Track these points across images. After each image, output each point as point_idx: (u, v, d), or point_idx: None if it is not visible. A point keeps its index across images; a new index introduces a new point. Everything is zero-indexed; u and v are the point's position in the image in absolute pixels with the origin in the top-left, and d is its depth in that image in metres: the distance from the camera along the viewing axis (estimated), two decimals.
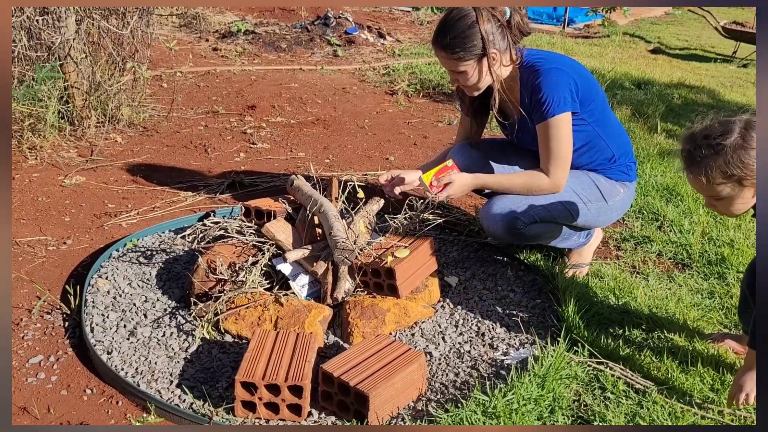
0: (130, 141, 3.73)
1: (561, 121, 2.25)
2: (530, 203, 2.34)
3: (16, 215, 2.81)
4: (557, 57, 2.38)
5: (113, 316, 2.17)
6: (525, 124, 2.37)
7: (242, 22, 6.47)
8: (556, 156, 2.29)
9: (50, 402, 1.82)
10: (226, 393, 1.86)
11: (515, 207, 2.33)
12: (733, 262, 2.64)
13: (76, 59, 3.53)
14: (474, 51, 2.20)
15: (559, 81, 2.25)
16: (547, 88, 2.24)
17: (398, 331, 2.17)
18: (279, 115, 4.31)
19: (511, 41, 2.25)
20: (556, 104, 2.23)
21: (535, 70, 2.28)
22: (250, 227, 2.52)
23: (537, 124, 2.30)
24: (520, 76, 2.33)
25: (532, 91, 2.28)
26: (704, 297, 2.43)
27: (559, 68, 2.28)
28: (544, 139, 2.29)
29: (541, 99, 2.24)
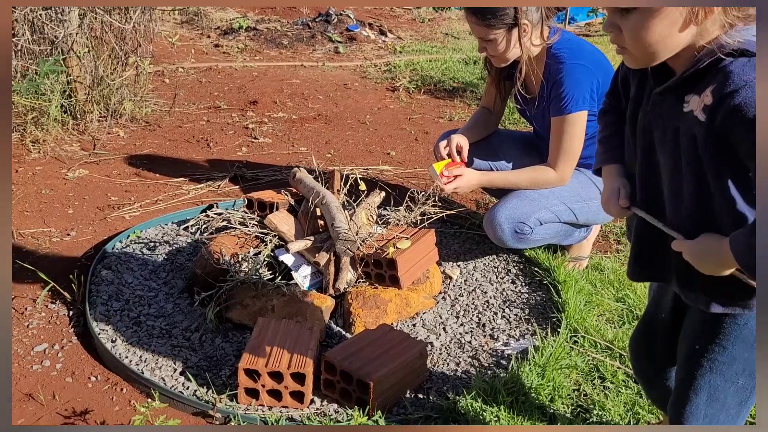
0: (132, 135, 3.75)
1: (577, 119, 2.25)
2: (534, 208, 2.34)
3: (20, 208, 2.82)
4: (585, 50, 2.32)
5: (117, 306, 2.18)
6: (543, 104, 2.37)
7: (244, 19, 6.49)
8: (566, 151, 2.29)
9: (55, 389, 1.84)
10: (229, 381, 1.87)
11: (519, 213, 2.33)
12: None
13: (79, 53, 3.54)
14: (505, 20, 2.15)
15: (582, 80, 2.23)
16: (568, 85, 2.23)
17: (400, 322, 2.19)
18: (280, 110, 4.33)
19: (545, 15, 2.23)
20: (574, 102, 2.23)
21: (561, 62, 2.26)
22: (252, 219, 2.54)
23: (552, 117, 2.30)
24: (546, 62, 2.31)
25: (554, 84, 2.27)
26: None
27: (584, 65, 2.25)
28: (557, 133, 2.30)
29: (561, 94, 2.24)
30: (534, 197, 2.36)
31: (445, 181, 2.34)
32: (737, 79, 0.98)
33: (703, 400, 1.23)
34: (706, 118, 1.02)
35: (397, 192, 3.01)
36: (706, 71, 1.03)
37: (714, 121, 1.00)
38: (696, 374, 1.22)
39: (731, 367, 1.19)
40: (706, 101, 1.01)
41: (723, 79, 0.99)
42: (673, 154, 1.11)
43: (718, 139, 1.02)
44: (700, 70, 1.03)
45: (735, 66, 0.99)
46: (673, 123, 1.09)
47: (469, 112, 4.43)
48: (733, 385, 1.21)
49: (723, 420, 1.24)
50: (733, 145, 1.00)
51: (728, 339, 1.18)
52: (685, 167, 1.09)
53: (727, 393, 1.21)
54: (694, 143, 1.06)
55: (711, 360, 1.20)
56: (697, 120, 1.04)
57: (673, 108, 1.09)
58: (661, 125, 1.13)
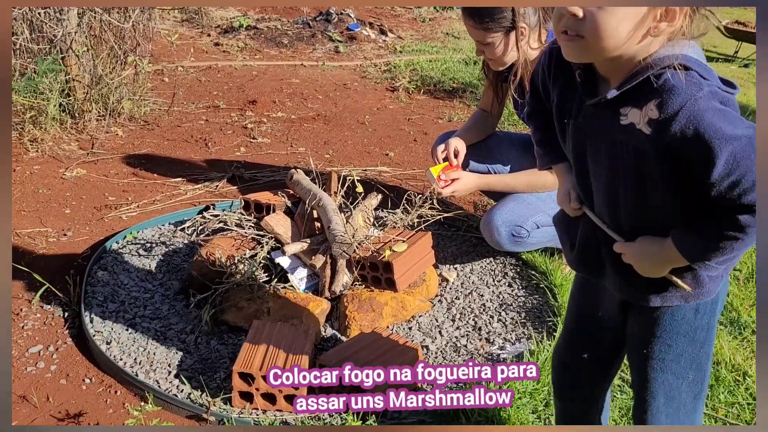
0: (131, 134, 3.74)
1: None
2: (531, 211, 2.33)
3: (17, 207, 2.82)
4: None
5: (112, 307, 2.18)
6: None
7: (244, 18, 6.48)
8: None
9: (49, 391, 1.84)
10: (224, 383, 1.87)
11: (516, 216, 2.32)
12: None
13: (77, 52, 3.54)
14: (503, 23, 2.14)
15: None
16: None
17: (395, 325, 2.19)
18: (280, 110, 4.32)
19: (543, 18, 2.22)
20: None
21: None
22: (249, 220, 2.53)
23: None
24: None
25: None
26: None
27: None
28: None
29: None
30: (531, 200, 2.36)
31: (442, 184, 2.34)
32: (683, 93, 0.99)
33: (661, 402, 1.26)
34: (652, 132, 1.02)
35: (394, 194, 3.00)
36: (643, 84, 1.02)
37: (662, 135, 1.01)
38: (649, 377, 1.25)
39: (680, 363, 1.23)
40: (651, 115, 1.01)
41: (669, 94, 1.00)
42: (610, 166, 1.11)
43: (666, 152, 1.02)
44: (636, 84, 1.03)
45: (677, 81, 1.00)
46: (610, 136, 1.08)
47: (468, 112, 4.42)
48: (684, 380, 1.24)
49: (683, 417, 1.27)
50: (685, 156, 1.01)
51: (671, 336, 1.21)
52: (624, 178, 1.09)
53: (681, 390, 1.25)
54: (636, 155, 1.06)
55: (660, 360, 1.23)
56: (641, 133, 1.03)
57: (609, 121, 1.08)
58: (596, 138, 1.12)
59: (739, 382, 1.97)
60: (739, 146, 0.98)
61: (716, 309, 1.23)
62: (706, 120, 0.98)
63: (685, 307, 1.19)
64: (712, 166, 0.98)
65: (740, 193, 1.00)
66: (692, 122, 0.98)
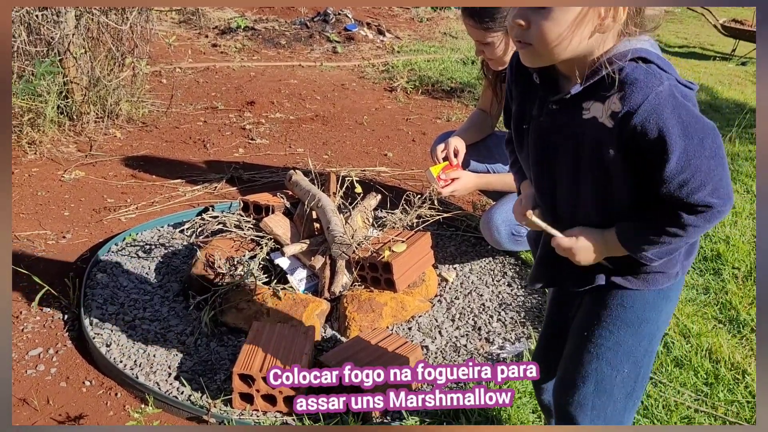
0: (129, 136, 3.74)
1: None
2: None
3: (16, 209, 2.82)
4: None
5: (112, 309, 2.18)
6: None
7: (242, 19, 6.48)
8: None
9: (49, 393, 1.84)
10: (224, 385, 1.87)
11: None
12: (729, 258, 2.65)
13: (75, 54, 3.54)
14: (503, 23, 2.13)
15: None
16: None
17: (395, 325, 2.19)
18: (278, 111, 4.32)
19: None
20: None
21: None
22: (248, 222, 2.53)
23: None
24: None
25: None
26: (699, 293, 2.45)
27: None
28: None
29: None
30: None
31: (442, 184, 2.34)
32: (644, 86, 1.01)
33: (590, 390, 1.24)
34: (614, 125, 1.03)
35: (393, 194, 3.00)
36: (604, 78, 1.04)
37: (624, 128, 1.02)
38: (583, 360, 1.24)
39: (617, 353, 1.22)
40: (614, 108, 1.03)
41: (631, 87, 1.02)
42: (574, 162, 1.12)
43: (627, 145, 1.04)
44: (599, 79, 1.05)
45: (638, 74, 1.02)
46: (573, 131, 1.10)
47: (466, 112, 4.42)
48: (619, 373, 1.23)
49: (610, 413, 1.26)
50: (643, 149, 1.03)
51: (614, 322, 1.22)
52: (587, 173, 1.11)
53: (614, 383, 1.24)
54: (598, 149, 1.07)
55: (598, 345, 1.23)
56: (603, 126, 1.05)
57: (571, 116, 1.09)
58: (560, 135, 1.13)
59: (738, 380, 1.98)
60: (692, 146, 1.01)
61: (667, 307, 1.23)
62: (665, 114, 1.00)
63: (635, 296, 1.20)
64: (666, 161, 1.01)
65: (688, 192, 1.03)
66: (652, 116, 1.00)
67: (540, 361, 1.43)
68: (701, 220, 1.06)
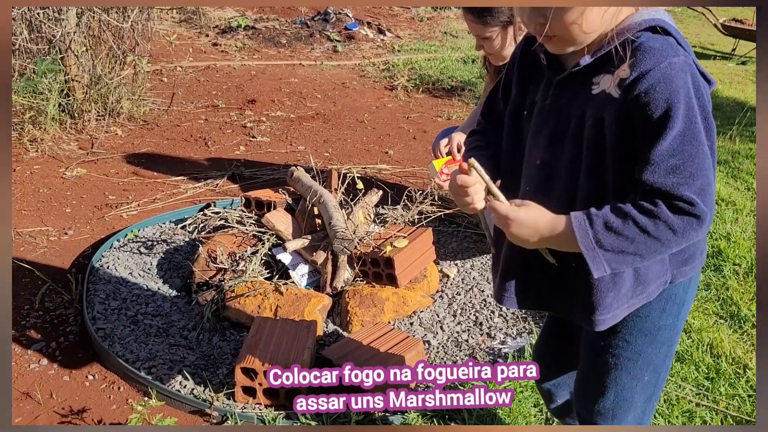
0: (130, 134, 3.75)
1: None
2: None
3: (18, 206, 2.82)
4: None
5: (114, 305, 2.18)
6: None
7: (242, 18, 6.48)
8: None
9: (52, 387, 1.84)
10: (226, 379, 1.88)
11: None
12: (730, 254, 2.66)
13: (76, 52, 3.54)
14: (501, 17, 2.15)
15: None
16: None
17: (397, 320, 2.19)
18: (279, 109, 4.33)
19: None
20: None
21: None
22: (250, 217, 2.54)
23: None
24: None
25: None
26: (700, 289, 2.45)
27: None
28: None
29: None
30: None
31: (444, 178, 2.35)
32: (659, 54, 0.94)
33: (611, 400, 1.20)
34: (620, 94, 0.96)
35: (394, 191, 3.01)
36: (615, 49, 0.97)
37: (629, 94, 0.95)
38: (602, 371, 1.19)
39: (636, 363, 1.16)
40: (622, 75, 0.96)
41: (644, 54, 0.94)
42: (576, 142, 1.03)
43: (628, 113, 0.96)
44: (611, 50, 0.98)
45: (654, 42, 0.95)
46: (579, 109, 1.02)
47: (467, 110, 4.43)
48: (639, 382, 1.18)
49: (631, 419, 1.23)
50: (640, 120, 0.95)
51: (630, 332, 1.15)
52: (588, 153, 1.02)
53: (634, 391, 1.19)
54: (600, 128, 0.99)
55: (616, 356, 1.17)
56: (609, 98, 0.98)
57: (578, 93, 1.02)
58: (565, 115, 1.04)
59: (739, 375, 1.98)
60: (691, 131, 0.93)
61: (682, 311, 1.17)
62: (674, 85, 0.92)
63: (650, 304, 1.12)
64: (660, 137, 0.93)
65: (676, 182, 0.93)
66: (661, 84, 0.92)
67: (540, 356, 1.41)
68: (680, 224, 0.93)
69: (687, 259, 1.13)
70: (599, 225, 0.96)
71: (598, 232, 0.96)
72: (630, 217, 0.94)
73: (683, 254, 1.12)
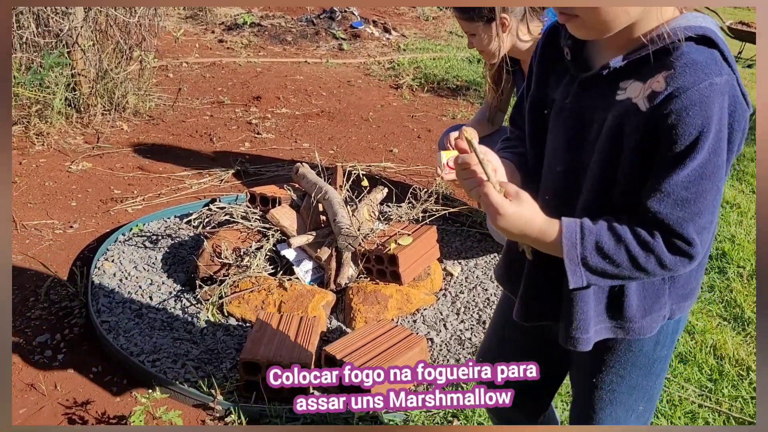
0: (136, 129, 3.76)
1: None
2: None
3: (24, 199, 2.83)
4: None
5: (119, 298, 2.19)
6: None
7: (248, 15, 6.49)
8: None
9: (57, 379, 1.85)
10: (230, 374, 1.88)
11: None
12: (734, 257, 2.66)
13: (83, 47, 3.55)
14: (482, 12, 2.14)
15: None
16: None
17: (400, 318, 2.20)
18: (284, 106, 4.33)
19: (530, 10, 2.22)
20: None
21: None
22: (255, 213, 2.54)
23: None
24: None
25: None
26: (704, 290, 2.45)
27: None
28: None
29: None
30: None
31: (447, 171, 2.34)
32: (701, 71, 0.83)
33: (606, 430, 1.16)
34: (648, 108, 0.86)
35: (399, 189, 3.01)
36: (653, 55, 0.87)
37: (659, 111, 0.84)
38: (596, 408, 1.14)
39: (631, 396, 1.12)
40: (656, 87, 0.85)
41: (685, 68, 0.84)
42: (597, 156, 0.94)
43: (651, 133, 0.86)
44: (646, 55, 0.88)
45: (698, 55, 0.84)
46: (601, 115, 0.92)
47: (472, 110, 4.43)
48: (634, 413, 1.14)
49: None
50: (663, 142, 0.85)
51: (624, 367, 1.09)
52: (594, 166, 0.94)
53: (629, 421, 1.15)
54: (618, 137, 0.90)
55: (610, 392, 1.12)
56: (634, 108, 0.87)
57: (602, 97, 0.92)
58: (587, 118, 0.95)
59: (742, 376, 1.98)
60: (712, 165, 0.85)
61: (675, 339, 1.12)
62: (712, 110, 0.82)
63: (644, 340, 1.06)
64: (680, 166, 0.84)
65: (681, 218, 0.86)
66: (697, 106, 0.82)
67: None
68: (672, 261, 0.88)
69: (688, 294, 1.06)
70: (590, 243, 0.90)
71: (586, 250, 0.90)
72: (623, 242, 0.89)
73: (684, 289, 1.05)
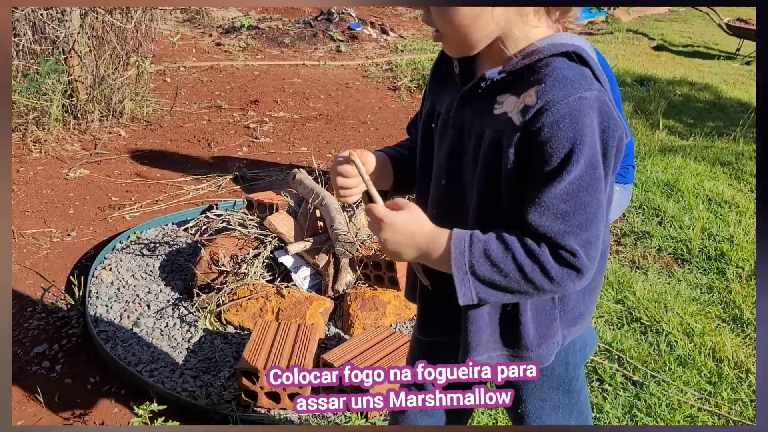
0: (133, 135, 3.76)
1: None
2: None
3: (21, 207, 2.83)
4: None
5: (117, 307, 2.19)
6: None
7: (245, 18, 6.49)
8: None
9: (54, 390, 1.85)
10: (228, 382, 1.88)
11: None
12: (733, 257, 2.65)
13: (80, 53, 3.55)
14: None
15: None
16: None
17: (399, 323, 2.19)
18: (282, 109, 4.33)
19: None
20: None
21: None
22: (252, 220, 2.54)
23: None
24: None
25: None
26: (703, 292, 2.45)
27: None
28: None
29: None
30: None
31: None
32: (570, 86, 0.85)
33: None
34: (521, 122, 0.86)
35: None
36: (528, 70, 0.88)
37: (532, 125, 0.85)
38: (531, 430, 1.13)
39: (558, 413, 1.11)
40: (528, 101, 0.86)
41: (555, 83, 0.85)
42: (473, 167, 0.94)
43: (527, 147, 0.87)
44: (520, 69, 0.89)
45: (568, 71, 0.86)
46: (479, 128, 0.92)
47: None
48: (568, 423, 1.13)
49: None
50: (537, 157, 0.86)
51: (543, 391, 1.09)
52: (478, 181, 0.93)
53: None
54: (497, 152, 0.90)
55: (537, 417, 1.11)
56: (510, 123, 0.88)
57: (481, 110, 0.93)
58: (465, 132, 0.95)
59: (742, 379, 1.98)
60: (589, 177, 0.85)
61: (586, 356, 1.12)
62: (582, 124, 0.84)
63: (553, 363, 1.05)
64: (556, 179, 0.84)
65: (563, 231, 0.85)
66: (567, 119, 0.83)
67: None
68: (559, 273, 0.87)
69: (577, 318, 1.04)
70: (478, 250, 0.88)
71: (474, 257, 0.88)
72: (511, 251, 0.87)
73: (574, 313, 1.03)
